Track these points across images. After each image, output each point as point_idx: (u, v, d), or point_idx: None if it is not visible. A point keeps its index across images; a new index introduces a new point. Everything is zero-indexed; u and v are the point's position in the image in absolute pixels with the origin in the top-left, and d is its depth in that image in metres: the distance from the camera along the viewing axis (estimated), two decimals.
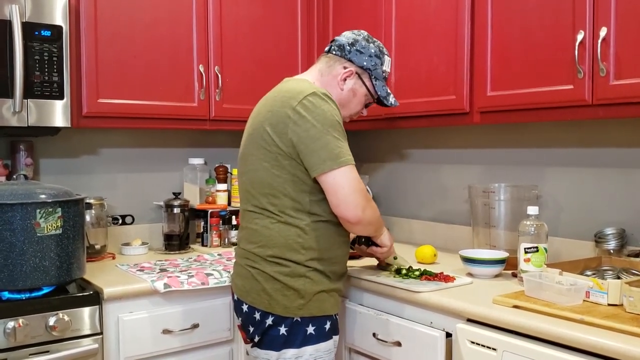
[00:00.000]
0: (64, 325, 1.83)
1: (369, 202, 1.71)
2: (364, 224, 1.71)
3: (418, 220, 2.78)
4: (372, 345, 1.94)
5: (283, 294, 1.70)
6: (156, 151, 2.78)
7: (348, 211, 1.66)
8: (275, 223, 1.72)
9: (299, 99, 1.67)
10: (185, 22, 2.44)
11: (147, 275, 2.09)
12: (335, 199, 1.66)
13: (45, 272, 1.85)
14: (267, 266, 1.72)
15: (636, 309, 1.47)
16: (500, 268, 1.98)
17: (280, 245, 1.71)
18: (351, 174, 1.66)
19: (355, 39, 1.85)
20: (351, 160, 1.67)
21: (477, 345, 1.61)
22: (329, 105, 1.69)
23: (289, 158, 1.68)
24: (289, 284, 1.70)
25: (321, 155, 1.64)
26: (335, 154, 1.64)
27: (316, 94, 1.69)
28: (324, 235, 1.74)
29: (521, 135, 2.36)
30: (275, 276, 1.70)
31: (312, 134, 1.64)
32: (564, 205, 2.21)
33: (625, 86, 1.66)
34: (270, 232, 1.72)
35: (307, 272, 1.71)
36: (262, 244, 1.74)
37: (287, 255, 1.71)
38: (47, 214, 1.84)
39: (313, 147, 1.64)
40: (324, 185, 1.67)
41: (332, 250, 1.76)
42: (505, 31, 1.97)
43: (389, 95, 1.91)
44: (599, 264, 1.87)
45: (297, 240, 1.71)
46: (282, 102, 1.71)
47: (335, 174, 1.64)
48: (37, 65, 2.07)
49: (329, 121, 1.66)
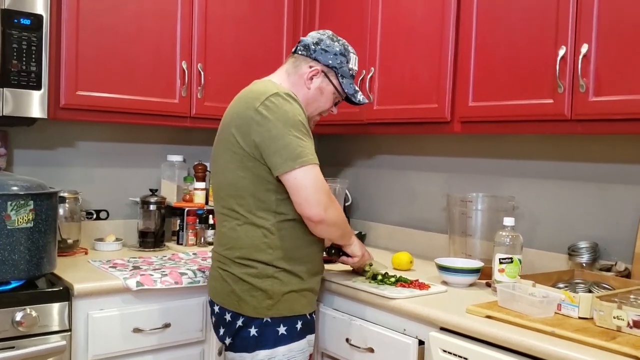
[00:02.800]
0: (31, 321, 1.79)
1: (332, 203, 1.72)
2: (327, 224, 1.70)
3: (395, 227, 2.78)
4: (345, 350, 1.93)
5: (251, 294, 1.71)
6: (134, 146, 2.74)
7: (310, 209, 1.66)
8: (242, 225, 1.73)
9: (262, 100, 1.69)
10: (170, 17, 2.42)
11: (119, 272, 2.06)
12: (297, 198, 1.67)
13: (14, 266, 1.81)
14: (236, 268, 1.73)
15: (606, 323, 1.48)
16: (474, 277, 1.99)
17: (247, 246, 1.72)
18: (312, 173, 1.66)
19: (320, 38, 1.86)
20: (313, 160, 1.67)
21: (449, 354, 1.61)
22: (292, 105, 1.70)
23: (253, 159, 1.69)
24: (257, 285, 1.71)
25: (282, 155, 1.65)
26: (297, 153, 1.65)
27: (279, 94, 1.70)
28: (292, 234, 1.74)
29: (500, 146, 2.37)
30: (243, 277, 1.72)
31: (273, 134, 1.65)
32: (540, 218, 2.23)
33: (604, 103, 1.68)
34: (237, 234, 1.74)
35: (275, 272, 1.72)
36: (230, 246, 1.75)
37: (254, 256, 1.72)
38: (19, 206, 1.80)
39: (275, 147, 1.65)
40: (287, 185, 1.67)
41: (301, 249, 1.76)
42: (489, 43, 1.99)
43: (356, 93, 1.91)
44: (571, 277, 1.89)
45: (263, 240, 1.71)
46: (246, 104, 1.72)
47: (296, 173, 1.65)
48: (15, 54, 2.03)
49: (291, 121, 1.67)
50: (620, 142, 2.01)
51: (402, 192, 2.78)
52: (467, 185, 2.48)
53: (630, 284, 1.76)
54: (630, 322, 1.44)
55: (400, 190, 2.79)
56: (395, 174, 2.82)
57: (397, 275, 1.99)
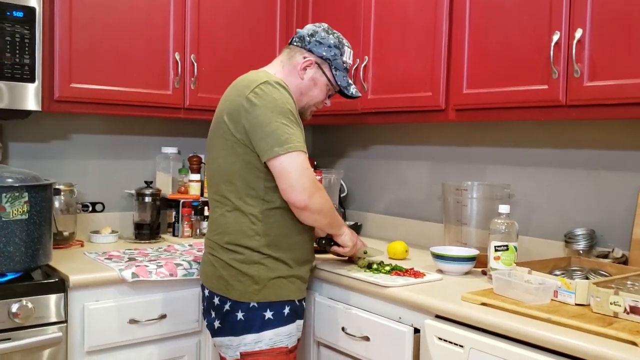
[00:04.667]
0: (27, 313, 1.79)
1: (317, 190, 1.72)
2: (311, 211, 1.71)
3: (390, 217, 2.78)
4: (340, 339, 1.93)
5: (238, 280, 1.74)
6: (129, 138, 2.74)
7: (294, 195, 1.67)
8: (231, 211, 1.76)
9: (252, 88, 1.71)
10: (163, 9, 2.40)
11: (115, 264, 2.06)
12: (282, 184, 1.68)
13: (10, 258, 1.80)
14: (224, 253, 1.76)
15: (602, 309, 1.48)
16: (470, 265, 1.99)
17: (236, 232, 1.75)
18: (298, 160, 1.67)
19: (314, 30, 1.88)
20: (300, 147, 1.69)
21: (444, 342, 1.61)
22: (281, 93, 1.72)
23: (243, 145, 1.71)
24: (244, 271, 1.73)
25: (269, 142, 1.67)
26: (283, 139, 1.66)
27: (268, 82, 1.72)
28: (279, 221, 1.76)
29: (495, 134, 2.37)
30: (231, 263, 1.75)
31: (261, 121, 1.68)
32: (536, 205, 2.23)
33: (599, 88, 1.67)
34: (226, 220, 1.77)
35: (262, 259, 1.74)
36: (219, 232, 1.78)
37: (242, 241, 1.74)
38: (13, 198, 1.80)
39: (262, 134, 1.68)
40: (273, 171, 1.69)
41: (290, 236, 1.78)
42: (483, 29, 1.98)
43: (349, 86, 1.93)
44: (568, 264, 1.89)
45: (251, 227, 1.74)
46: (238, 92, 1.75)
47: (282, 159, 1.66)
48: (8, 47, 2.02)
49: (279, 108, 1.69)
50: (614, 128, 2.00)
51: (397, 181, 2.78)
52: (462, 173, 2.48)
53: (627, 270, 1.76)
54: (627, 307, 1.44)
55: (395, 180, 2.79)
56: (391, 164, 2.81)
57: (392, 264, 2.00)
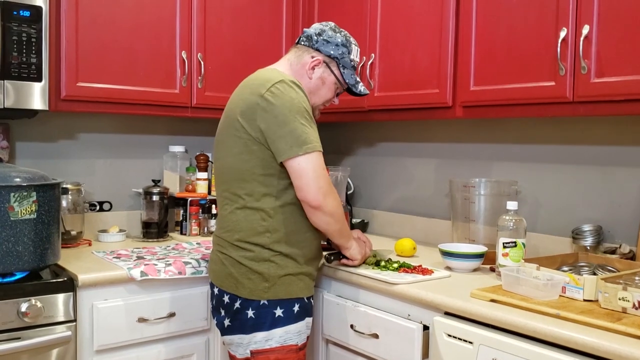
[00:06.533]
0: (36, 312, 1.80)
1: (332, 192, 1.74)
2: (324, 212, 1.72)
3: (398, 214, 2.78)
4: (349, 336, 1.93)
5: (248, 277, 1.74)
6: (136, 137, 2.74)
7: (310, 194, 1.69)
8: (241, 208, 1.76)
9: (267, 87, 1.71)
10: (169, 7, 2.40)
11: (123, 263, 2.06)
12: (299, 182, 1.69)
13: (18, 257, 1.81)
14: (233, 251, 1.76)
15: (611, 304, 1.48)
16: (478, 262, 1.98)
17: (246, 229, 1.75)
18: (316, 160, 1.69)
19: (322, 29, 1.89)
20: (318, 147, 1.70)
21: (453, 339, 1.61)
22: (297, 93, 1.72)
23: (258, 143, 1.71)
24: (254, 268, 1.73)
25: (288, 141, 1.67)
26: (302, 140, 1.67)
27: (284, 81, 1.72)
28: (290, 218, 1.76)
29: (502, 131, 2.36)
30: (241, 260, 1.74)
31: (279, 120, 1.68)
32: (543, 202, 2.22)
33: (606, 84, 1.67)
34: (236, 216, 1.77)
35: (272, 256, 1.74)
36: (229, 229, 1.78)
37: (252, 239, 1.74)
38: (22, 198, 1.81)
39: (280, 133, 1.68)
40: (290, 170, 1.70)
41: (300, 233, 1.78)
42: (490, 26, 1.97)
43: (357, 84, 1.94)
44: (575, 260, 1.89)
45: (261, 223, 1.74)
46: (252, 90, 1.74)
47: (300, 159, 1.67)
48: (15, 46, 2.02)
49: (296, 107, 1.69)
50: (622, 124, 1.99)
51: (404, 179, 2.77)
52: (470, 170, 2.48)
53: (635, 265, 1.75)
54: (636, 303, 1.43)
55: (402, 177, 2.79)
56: (397, 161, 2.81)
57: (400, 261, 1.99)
